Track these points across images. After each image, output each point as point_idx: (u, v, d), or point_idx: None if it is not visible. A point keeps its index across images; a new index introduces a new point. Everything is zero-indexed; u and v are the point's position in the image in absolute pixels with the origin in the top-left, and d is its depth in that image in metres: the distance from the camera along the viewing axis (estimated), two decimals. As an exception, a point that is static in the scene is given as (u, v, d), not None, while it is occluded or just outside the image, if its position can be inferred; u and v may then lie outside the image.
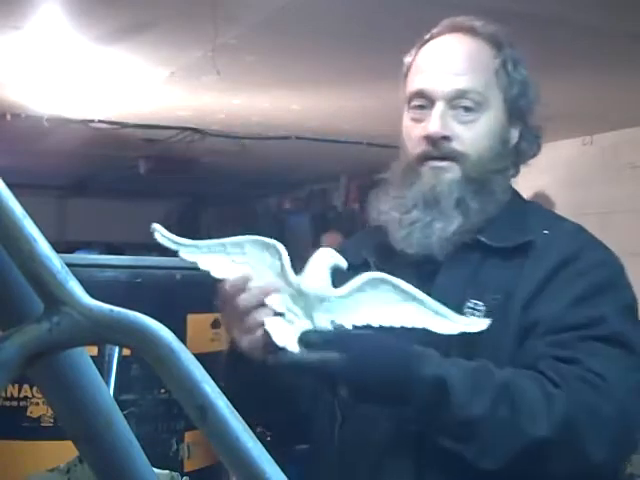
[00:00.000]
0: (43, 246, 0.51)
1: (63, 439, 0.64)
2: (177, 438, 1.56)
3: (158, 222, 1.14)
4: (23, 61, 3.63)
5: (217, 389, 0.50)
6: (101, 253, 6.21)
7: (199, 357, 0.51)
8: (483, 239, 1.23)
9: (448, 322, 1.11)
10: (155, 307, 1.06)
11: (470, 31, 1.29)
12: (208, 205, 9.19)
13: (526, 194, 1.38)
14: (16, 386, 1.48)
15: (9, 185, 0.52)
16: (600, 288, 1.19)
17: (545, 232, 1.24)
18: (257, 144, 5.56)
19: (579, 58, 3.48)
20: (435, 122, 1.24)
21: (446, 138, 1.24)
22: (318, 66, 3.80)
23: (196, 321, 1.59)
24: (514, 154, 1.31)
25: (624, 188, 4.96)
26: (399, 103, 1.34)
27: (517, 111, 1.29)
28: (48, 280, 0.50)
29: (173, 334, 0.50)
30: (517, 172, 1.34)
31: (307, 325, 1.09)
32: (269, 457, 0.49)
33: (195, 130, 5.28)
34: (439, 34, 1.30)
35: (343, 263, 1.11)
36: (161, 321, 0.50)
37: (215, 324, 1.63)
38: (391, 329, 1.11)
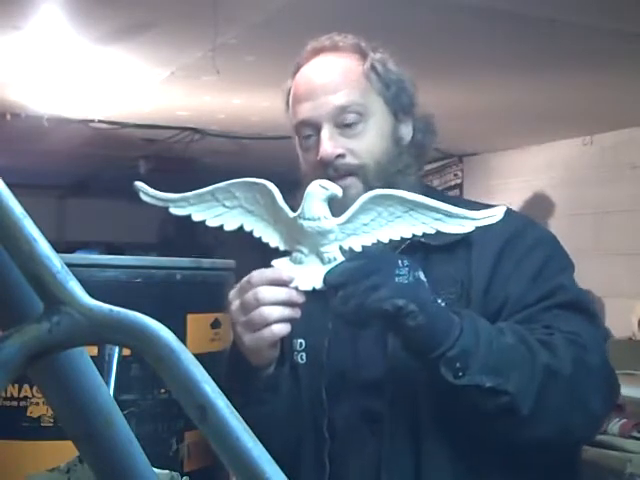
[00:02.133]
0: (43, 246, 0.51)
1: (63, 439, 0.64)
2: (177, 438, 1.56)
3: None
4: (23, 61, 3.62)
5: (217, 389, 0.50)
6: (101, 253, 6.20)
7: (199, 357, 0.51)
8: (423, 240, 1.21)
9: (460, 221, 1.11)
10: (155, 307, 1.06)
11: (332, 49, 1.32)
12: (208, 205, 9.17)
13: (526, 194, 1.39)
14: (16, 386, 1.48)
15: (9, 185, 0.52)
16: (550, 259, 1.26)
17: None
18: (257, 144, 5.56)
19: (579, 58, 3.48)
20: (326, 144, 1.26)
21: (340, 156, 1.26)
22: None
23: (196, 321, 1.59)
24: (413, 148, 1.33)
25: (624, 188, 4.95)
26: None
27: (401, 107, 1.32)
28: (48, 280, 0.50)
29: (173, 334, 0.50)
30: (422, 166, 1.36)
31: (316, 261, 1.10)
32: (269, 457, 0.49)
33: (195, 130, 5.27)
34: (306, 60, 1.33)
35: (338, 191, 1.11)
36: (161, 321, 0.50)
37: (215, 324, 1.63)
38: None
